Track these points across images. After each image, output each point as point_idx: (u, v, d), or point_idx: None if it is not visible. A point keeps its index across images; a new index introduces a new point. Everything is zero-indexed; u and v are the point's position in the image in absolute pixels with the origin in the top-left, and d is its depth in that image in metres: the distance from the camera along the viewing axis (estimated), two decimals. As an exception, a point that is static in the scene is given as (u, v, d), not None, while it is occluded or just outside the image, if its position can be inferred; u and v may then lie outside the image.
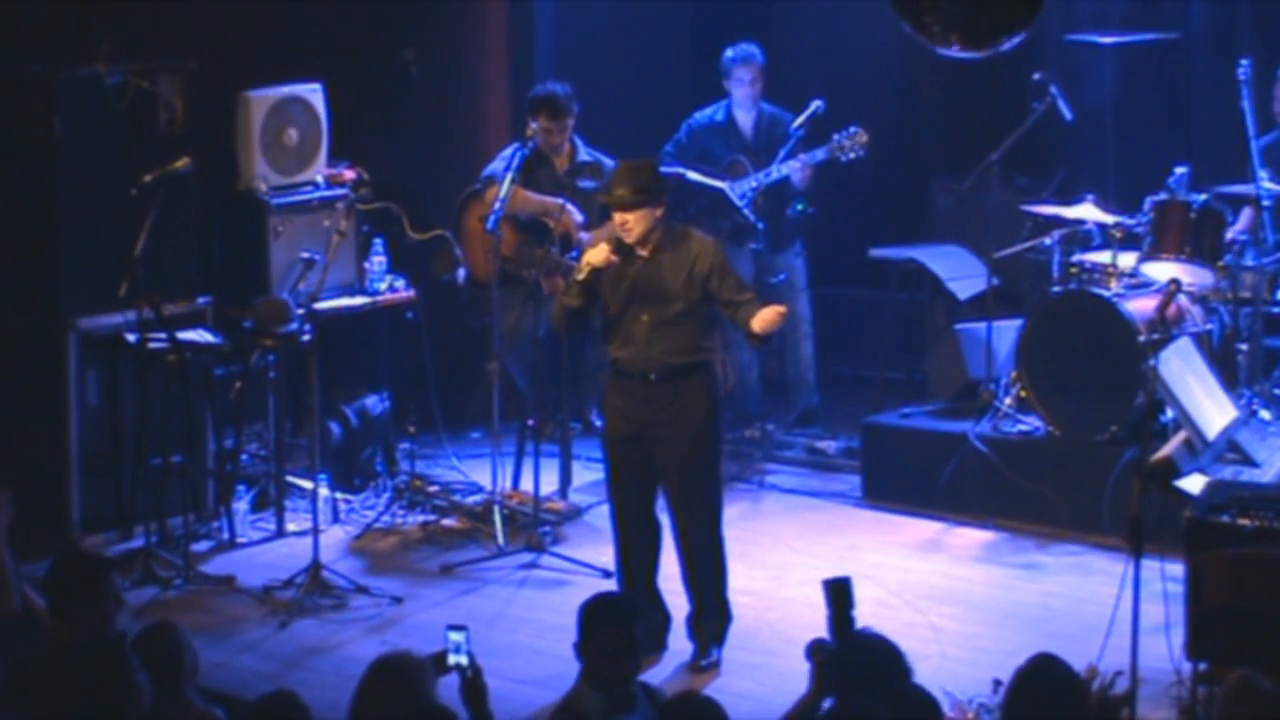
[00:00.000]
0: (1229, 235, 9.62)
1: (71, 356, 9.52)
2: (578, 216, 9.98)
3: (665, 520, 8.31)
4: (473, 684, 5.85)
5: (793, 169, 10.56)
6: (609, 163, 10.01)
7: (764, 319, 7.98)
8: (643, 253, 8.12)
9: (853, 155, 10.51)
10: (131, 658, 5.93)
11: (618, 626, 6.18)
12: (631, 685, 6.16)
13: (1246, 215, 9.78)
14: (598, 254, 8.15)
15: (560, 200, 9.89)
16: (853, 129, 10.50)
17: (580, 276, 8.18)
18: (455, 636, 5.89)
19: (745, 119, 10.94)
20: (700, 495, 8.17)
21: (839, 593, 6.07)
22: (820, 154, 10.54)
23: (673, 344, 8.08)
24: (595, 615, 6.24)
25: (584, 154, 10.20)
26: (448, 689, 5.91)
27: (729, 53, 10.90)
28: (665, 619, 8.32)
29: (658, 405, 8.08)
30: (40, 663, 6.24)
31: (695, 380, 8.11)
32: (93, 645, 6.11)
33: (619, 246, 8.11)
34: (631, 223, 8.06)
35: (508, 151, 10.05)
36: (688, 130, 10.99)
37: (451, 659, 5.87)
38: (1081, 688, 5.77)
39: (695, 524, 8.18)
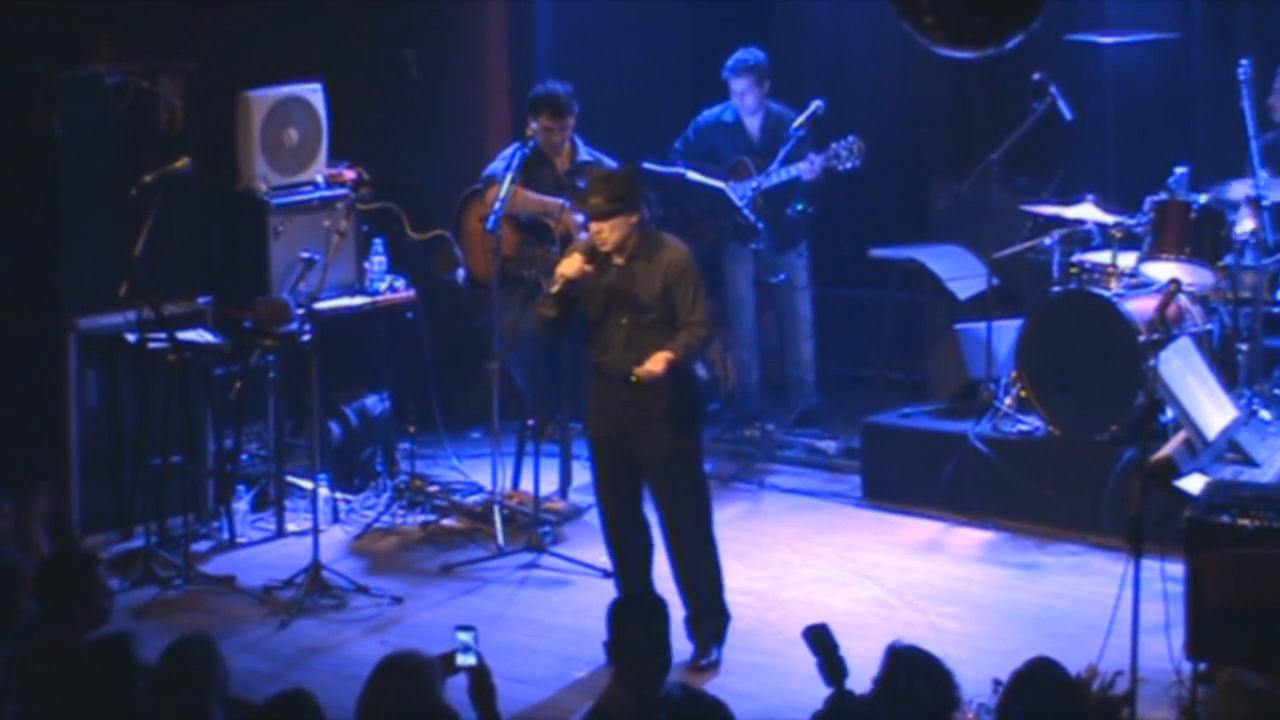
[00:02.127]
0: (1235, 230, 9.59)
1: (71, 356, 9.51)
2: (579, 216, 9.98)
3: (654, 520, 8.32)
4: (482, 684, 5.85)
5: (802, 169, 10.58)
6: (609, 162, 10.02)
7: (644, 370, 7.92)
8: (618, 260, 8.09)
9: (849, 165, 10.52)
10: (133, 656, 5.93)
11: (643, 624, 6.22)
12: (661, 685, 6.18)
13: (1245, 211, 9.75)
14: (570, 265, 8.12)
15: (561, 200, 9.90)
16: (851, 138, 10.51)
17: (555, 289, 8.17)
18: (463, 636, 5.88)
19: (753, 121, 10.94)
20: (685, 496, 8.17)
21: (820, 638, 6.02)
22: (818, 161, 10.55)
23: (651, 348, 8.04)
24: (621, 614, 6.27)
25: (584, 154, 10.19)
26: (455, 690, 5.91)
27: (728, 63, 10.91)
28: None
29: (638, 407, 8.08)
30: (45, 664, 6.25)
31: (674, 383, 8.09)
32: (98, 646, 6.12)
33: (593, 255, 8.09)
34: (606, 231, 8.04)
35: (508, 151, 10.05)
36: (695, 129, 11.01)
37: (460, 659, 5.86)
38: (1077, 693, 5.76)
39: (683, 526, 8.18)
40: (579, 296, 8.18)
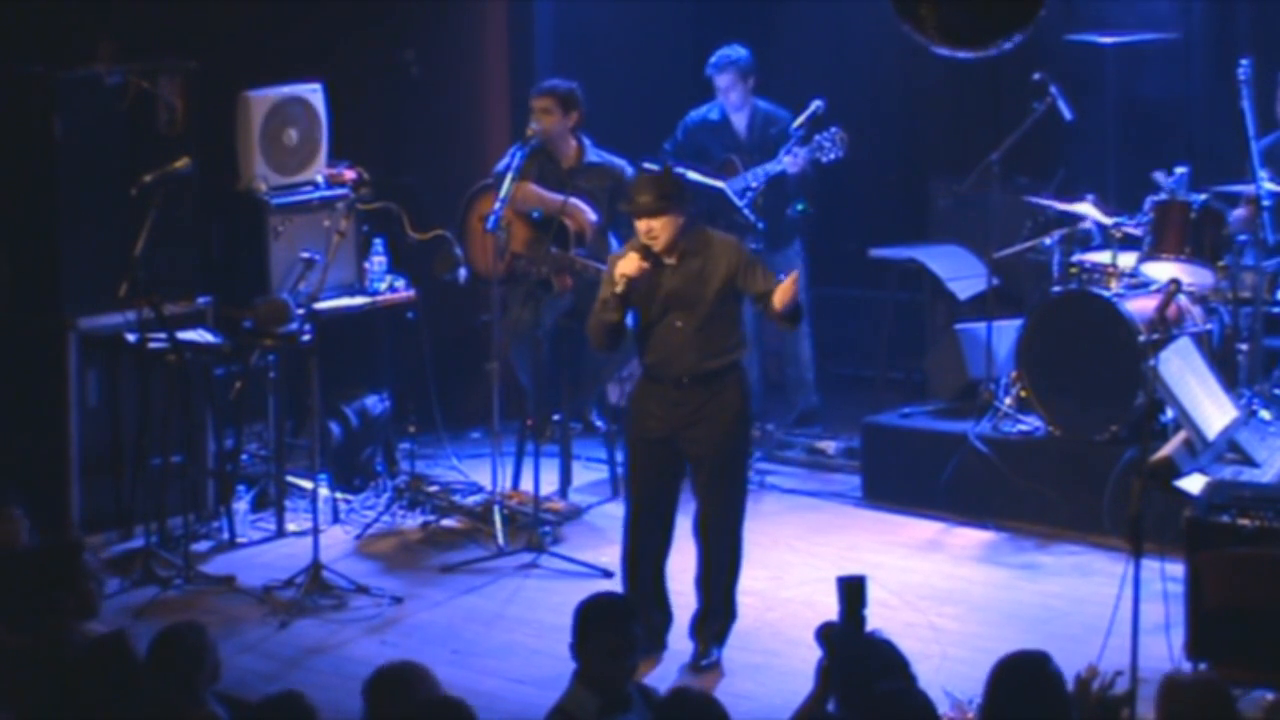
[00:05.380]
0: (1231, 217, 9.62)
1: (71, 356, 9.51)
2: (591, 215, 9.97)
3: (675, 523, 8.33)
4: None
5: (786, 163, 10.59)
6: (618, 161, 10.05)
7: (781, 293, 7.96)
8: (670, 260, 8.09)
9: (833, 156, 10.53)
10: (133, 653, 5.94)
11: (615, 627, 6.18)
12: (627, 686, 6.16)
13: (1243, 209, 9.77)
14: (629, 264, 8.08)
15: (562, 197, 9.89)
16: (833, 129, 10.53)
17: (618, 290, 8.12)
18: None
19: (739, 118, 10.94)
20: (726, 495, 8.18)
21: (852, 591, 6.01)
22: (802, 154, 10.56)
23: (706, 348, 8.07)
24: (591, 616, 6.24)
25: (592, 154, 10.18)
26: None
27: (710, 60, 10.91)
28: (666, 619, 8.31)
29: (691, 406, 8.09)
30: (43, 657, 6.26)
31: (728, 381, 8.12)
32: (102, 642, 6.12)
33: (647, 255, 8.08)
34: (657, 229, 8.04)
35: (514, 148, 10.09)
36: (683, 129, 11.01)
37: None
38: (1060, 685, 5.74)
39: (718, 524, 8.19)
40: (636, 301, 8.17)
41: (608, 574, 8.80)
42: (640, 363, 8.31)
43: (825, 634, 5.96)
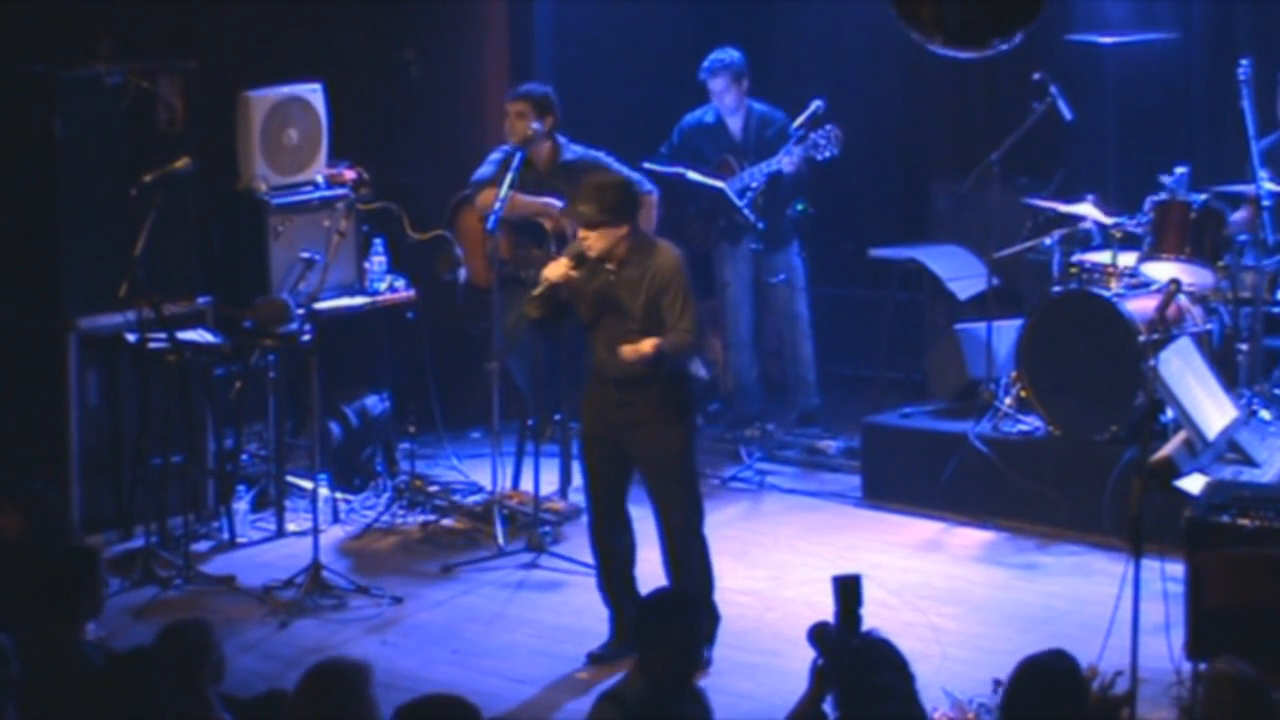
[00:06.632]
0: (1232, 219, 9.62)
1: (71, 356, 9.51)
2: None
3: (639, 520, 8.31)
4: None
5: (782, 163, 10.59)
6: (595, 155, 10.02)
7: (630, 348, 7.93)
8: (609, 266, 8.09)
9: (828, 154, 10.53)
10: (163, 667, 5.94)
11: (688, 620, 6.24)
12: (690, 680, 6.21)
13: (1244, 211, 9.77)
14: (555, 269, 8.14)
15: (556, 200, 9.88)
16: (828, 127, 10.53)
17: (536, 292, 8.18)
18: None
19: (734, 121, 10.94)
20: (677, 496, 8.15)
21: (848, 589, 6.03)
22: (797, 153, 10.56)
23: None
24: (670, 607, 6.29)
25: (569, 153, 10.14)
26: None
27: (703, 64, 10.90)
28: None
29: (629, 409, 8.08)
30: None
31: (667, 387, 8.08)
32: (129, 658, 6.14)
33: (581, 260, 8.08)
34: (593, 240, 8.04)
35: (494, 156, 10.07)
36: (679, 132, 11.00)
37: None
38: (1084, 684, 5.76)
39: (676, 525, 8.17)
40: (570, 299, 8.18)
41: (606, 574, 8.80)
42: (587, 361, 8.32)
43: (817, 634, 5.98)
